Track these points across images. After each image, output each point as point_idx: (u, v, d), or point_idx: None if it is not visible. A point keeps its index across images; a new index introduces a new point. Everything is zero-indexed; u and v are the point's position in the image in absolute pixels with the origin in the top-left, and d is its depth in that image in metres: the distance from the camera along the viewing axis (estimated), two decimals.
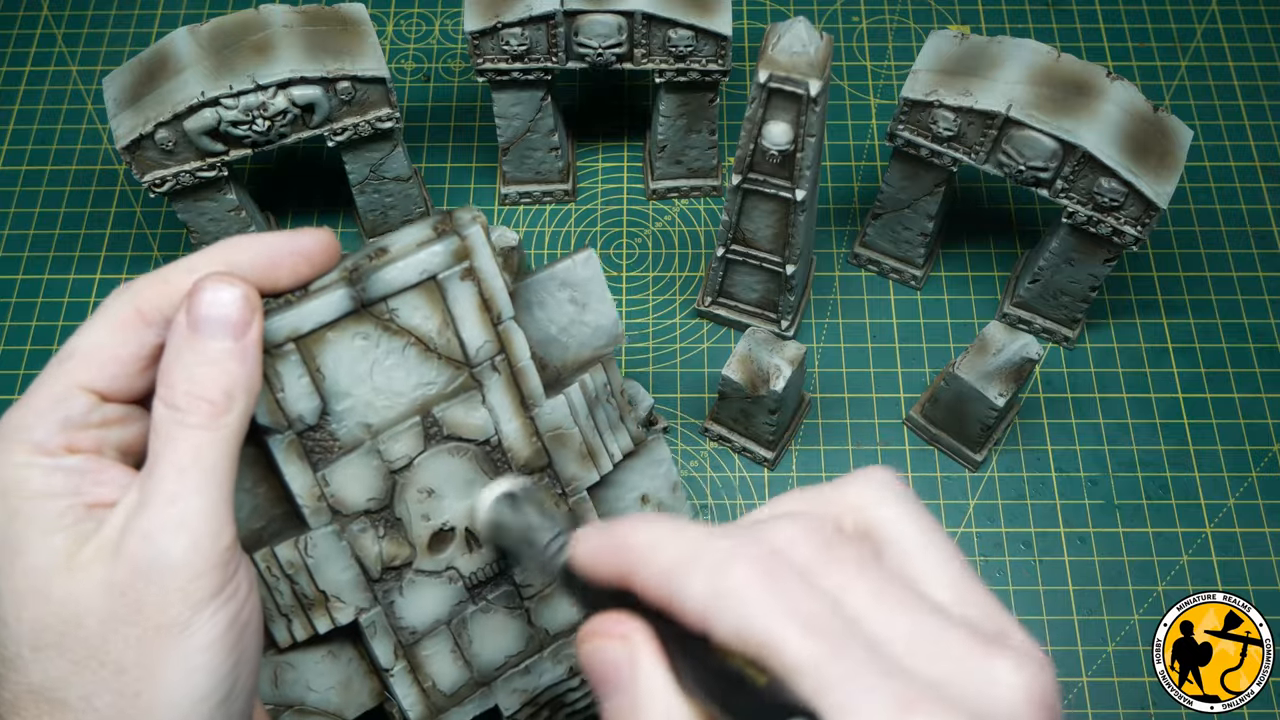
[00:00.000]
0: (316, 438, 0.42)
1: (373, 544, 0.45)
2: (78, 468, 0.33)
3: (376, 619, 0.47)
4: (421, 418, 0.44)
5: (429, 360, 0.44)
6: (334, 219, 0.80)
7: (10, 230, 0.80)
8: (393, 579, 0.46)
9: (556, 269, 0.48)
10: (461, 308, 0.43)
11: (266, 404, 0.41)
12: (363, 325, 0.42)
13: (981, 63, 0.65)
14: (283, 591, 0.44)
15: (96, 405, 0.34)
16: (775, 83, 0.57)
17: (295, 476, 0.43)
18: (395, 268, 0.41)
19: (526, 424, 0.46)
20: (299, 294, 0.40)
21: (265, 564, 0.44)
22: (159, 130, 0.64)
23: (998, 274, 0.78)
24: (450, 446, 0.45)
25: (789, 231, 0.66)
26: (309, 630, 0.46)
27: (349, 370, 0.42)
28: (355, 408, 0.43)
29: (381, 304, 0.42)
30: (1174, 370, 0.74)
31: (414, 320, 0.43)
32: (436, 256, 0.42)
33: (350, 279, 0.41)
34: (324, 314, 0.40)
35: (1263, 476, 0.71)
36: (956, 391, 0.65)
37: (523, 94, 0.73)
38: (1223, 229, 0.80)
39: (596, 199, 0.81)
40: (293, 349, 0.40)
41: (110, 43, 0.88)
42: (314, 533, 0.44)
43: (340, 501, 0.44)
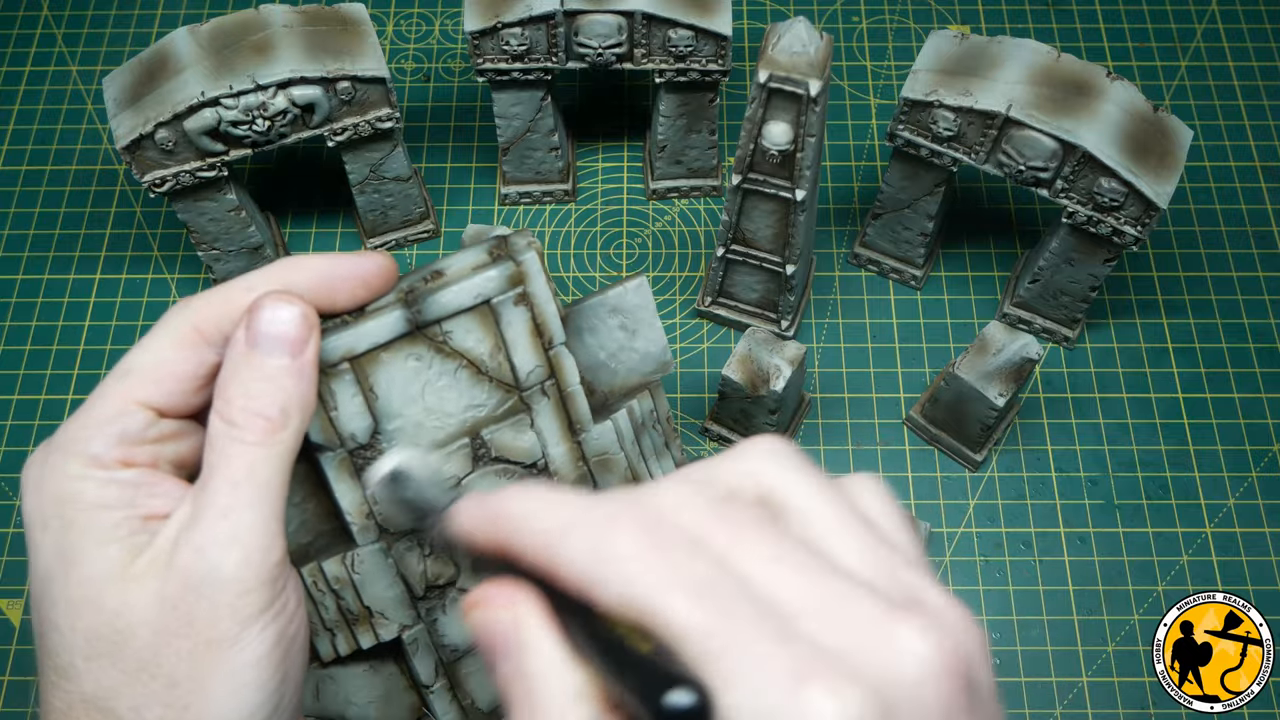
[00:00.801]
0: (368, 456, 0.43)
1: (418, 563, 0.46)
2: (133, 481, 0.34)
3: (419, 636, 0.47)
4: (470, 439, 0.45)
5: (480, 383, 0.44)
6: (334, 219, 0.80)
7: (10, 230, 0.80)
8: (436, 597, 0.47)
9: (608, 295, 0.48)
10: (514, 332, 0.43)
11: (320, 422, 0.41)
12: (416, 347, 0.42)
13: (981, 63, 0.65)
14: (328, 606, 0.45)
15: (153, 421, 0.34)
16: (775, 83, 0.57)
17: (345, 494, 0.43)
18: (450, 291, 0.42)
19: (574, 448, 0.46)
20: (355, 315, 0.41)
21: (312, 579, 0.44)
22: (159, 130, 0.64)
23: (998, 274, 0.78)
24: (498, 469, 0.45)
25: (789, 231, 0.66)
26: (352, 645, 0.46)
27: (401, 391, 0.43)
28: (406, 428, 0.43)
29: (436, 326, 0.42)
30: (1174, 370, 0.74)
31: (467, 343, 0.43)
32: (492, 281, 0.42)
33: (406, 301, 0.41)
34: (379, 335, 0.41)
35: (1263, 476, 0.71)
36: (956, 391, 0.65)
37: (523, 94, 0.73)
38: (1223, 229, 0.80)
39: (596, 199, 0.81)
40: (347, 368, 0.41)
41: (110, 43, 0.88)
42: (361, 550, 0.44)
43: (388, 520, 0.44)
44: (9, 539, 0.70)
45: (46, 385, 0.74)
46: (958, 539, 0.69)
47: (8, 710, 0.65)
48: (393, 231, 0.78)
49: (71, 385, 0.74)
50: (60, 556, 0.33)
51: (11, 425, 0.73)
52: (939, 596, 0.26)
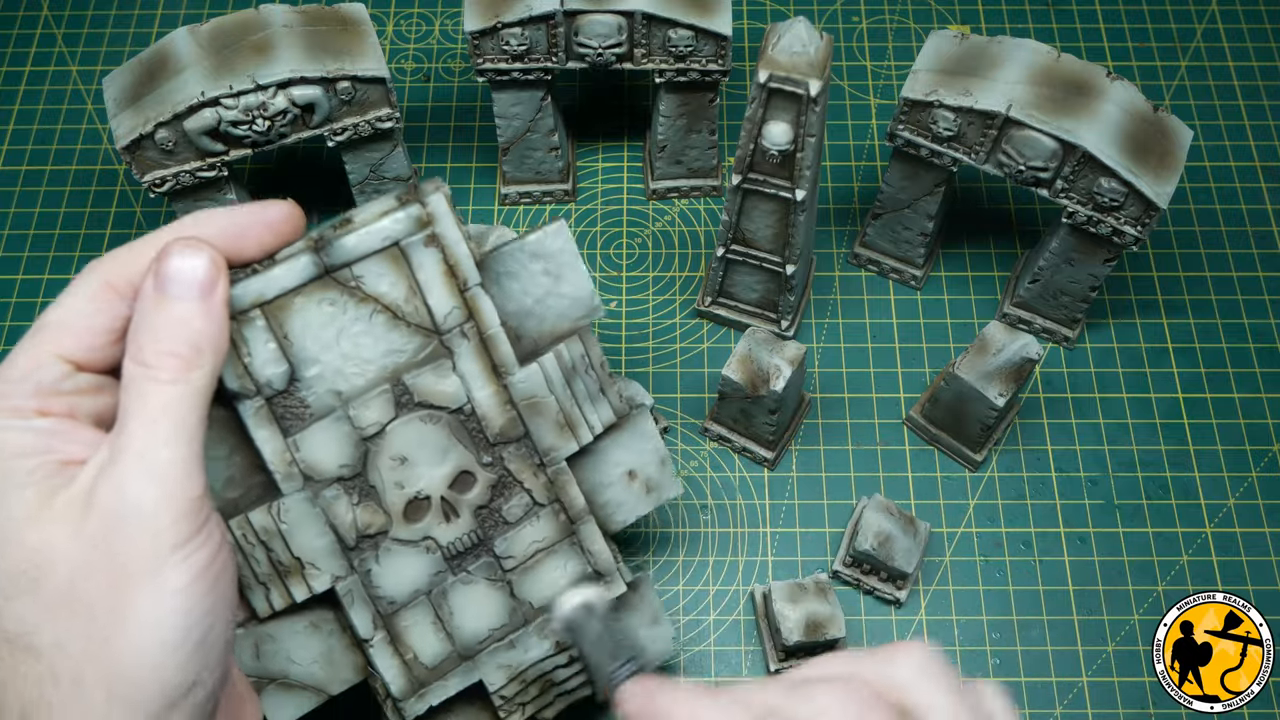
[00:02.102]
0: (287, 404, 0.43)
1: (346, 511, 0.46)
2: (49, 429, 0.35)
3: (353, 587, 0.47)
4: (391, 385, 0.45)
5: (397, 327, 0.44)
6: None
7: (10, 230, 0.80)
8: (369, 547, 0.47)
9: (527, 240, 0.48)
10: (426, 274, 0.44)
11: (234, 369, 0.42)
12: (329, 292, 0.43)
13: (981, 63, 0.65)
14: (259, 559, 0.45)
15: (70, 373, 0.35)
16: (775, 83, 0.57)
17: (266, 441, 0.44)
18: (358, 234, 0.43)
19: (499, 392, 0.47)
20: (265, 263, 0.41)
21: (240, 531, 0.44)
22: (159, 130, 0.64)
23: (998, 274, 0.78)
24: (422, 414, 0.46)
25: (789, 231, 0.66)
26: (286, 598, 0.46)
27: (316, 336, 0.43)
28: (325, 374, 0.44)
29: (346, 270, 0.43)
30: (1174, 370, 0.74)
31: (380, 287, 0.44)
32: (399, 224, 0.43)
33: (315, 246, 0.42)
34: (288, 280, 0.42)
35: (1263, 476, 0.71)
36: (956, 391, 0.65)
37: (523, 94, 0.73)
38: (1223, 229, 0.80)
39: (596, 199, 0.81)
40: (259, 315, 0.42)
41: (110, 43, 0.88)
42: (286, 498, 0.45)
43: (311, 467, 0.45)
44: None
45: None
46: (958, 539, 0.69)
47: None
48: None
49: None
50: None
51: None
52: None
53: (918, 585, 0.67)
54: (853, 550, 0.65)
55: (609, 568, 0.51)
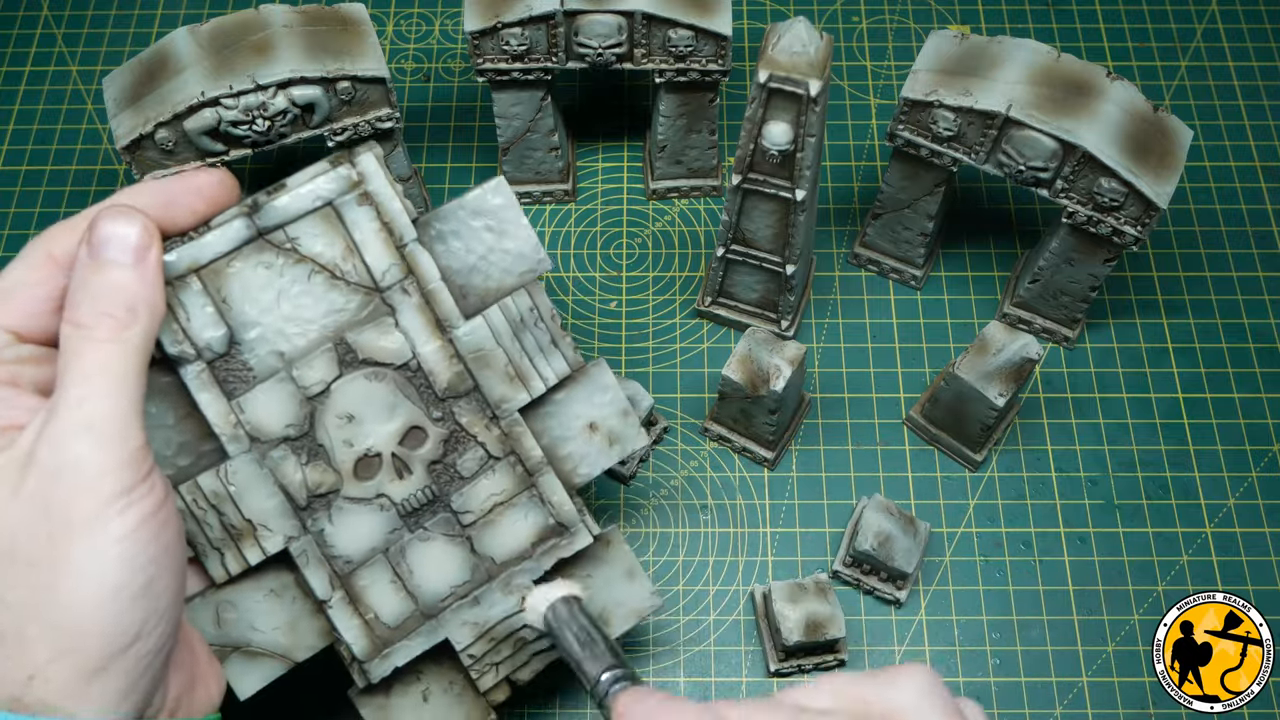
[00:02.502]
0: (229, 367, 0.44)
1: (295, 471, 0.46)
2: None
3: (307, 547, 0.47)
4: (335, 344, 0.45)
5: (336, 287, 0.45)
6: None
7: (10, 230, 0.80)
8: (321, 507, 0.47)
9: (466, 198, 0.49)
10: (362, 233, 0.44)
11: (172, 334, 0.42)
12: (265, 255, 0.43)
13: (981, 63, 0.65)
14: (211, 524, 0.45)
15: (11, 342, 0.36)
16: (775, 83, 0.57)
17: (209, 405, 0.44)
18: (290, 195, 0.43)
19: (445, 346, 0.47)
20: (200, 230, 0.42)
21: (191, 496, 0.45)
22: (159, 130, 0.64)
23: (998, 274, 0.78)
24: (367, 371, 0.46)
25: (789, 231, 0.66)
26: (241, 562, 0.46)
27: (255, 299, 0.44)
28: (266, 336, 0.44)
29: (280, 232, 0.43)
30: (1174, 370, 0.74)
31: (316, 248, 0.44)
32: (331, 183, 0.44)
33: (248, 211, 0.43)
34: (222, 244, 0.42)
35: (1263, 476, 0.71)
36: (956, 391, 0.65)
37: (523, 94, 0.73)
38: (1223, 229, 0.80)
39: (596, 199, 0.81)
40: (194, 279, 0.42)
41: (110, 43, 0.89)
42: (233, 460, 0.45)
43: (257, 429, 0.45)
44: None
45: None
46: (958, 539, 0.69)
47: None
48: None
49: None
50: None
51: None
52: None
53: (918, 585, 0.67)
54: (853, 550, 0.65)
55: (572, 519, 0.51)
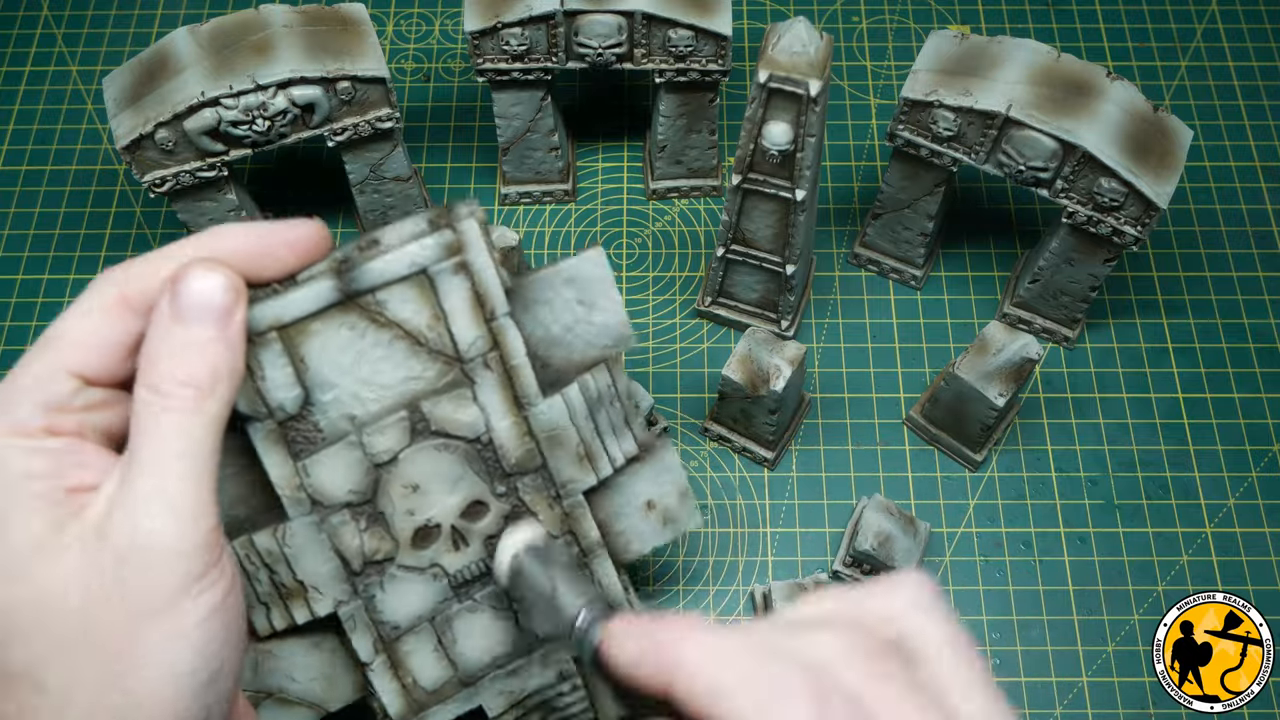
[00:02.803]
0: (299, 428, 0.42)
1: (353, 537, 0.45)
2: (58, 450, 0.33)
3: (356, 612, 0.46)
4: (409, 412, 0.43)
5: (417, 354, 0.43)
6: (334, 219, 0.80)
7: (10, 230, 0.80)
8: (374, 573, 0.46)
9: (562, 266, 0.46)
10: (453, 302, 0.42)
11: (246, 391, 0.41)
12: (349, 316, 0.41)
13: (981, 63, 0.65)
14: (261, 580, 0.44)
15: (80, 389, 0.34)
16: (775, 83, 0.57)
17: (275, 465, 0.42)
18: (385, 259, 0.41)
19: (519, 423, 0.45)
20: (286, 283, 0.40)
21: (244, 551, 0.44)
22: (159, 130, 0.64)
23: (998, 274, 0.78)
24: (437, 442, 0.44)
25: (789, 231, 0.66)
26: (287, 620, 0.45)
27: (333, 361, 0.42)
28: (340, 399, 0.42)
29: (369, 296, 0.41)
30: (1174, 370, 0.74)
31: (403, 313, 0.42)
32: (428, 250, 0.41)
33: (338, 270, 0.40)
34: (308, 304, 0.40)
35: (1263, 476, 0.71)
36: (956, 391, 0.65)
37: (523, 94, 0.73)
38: (1223, 229, 0.80)
39: (596, 199, 0.81)
40: (275, 337, 0.40)
41: (110, 43, 0.88)
42: (292, 523, 0.44)
43: (320, 492, 0.43)
44: None
45: None
46: (958, 539, 0.69)
47: None
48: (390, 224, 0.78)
49: None
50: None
51: None
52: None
53: None
54: (853, 550, 0.65)
55: (619, 600, 0.50)
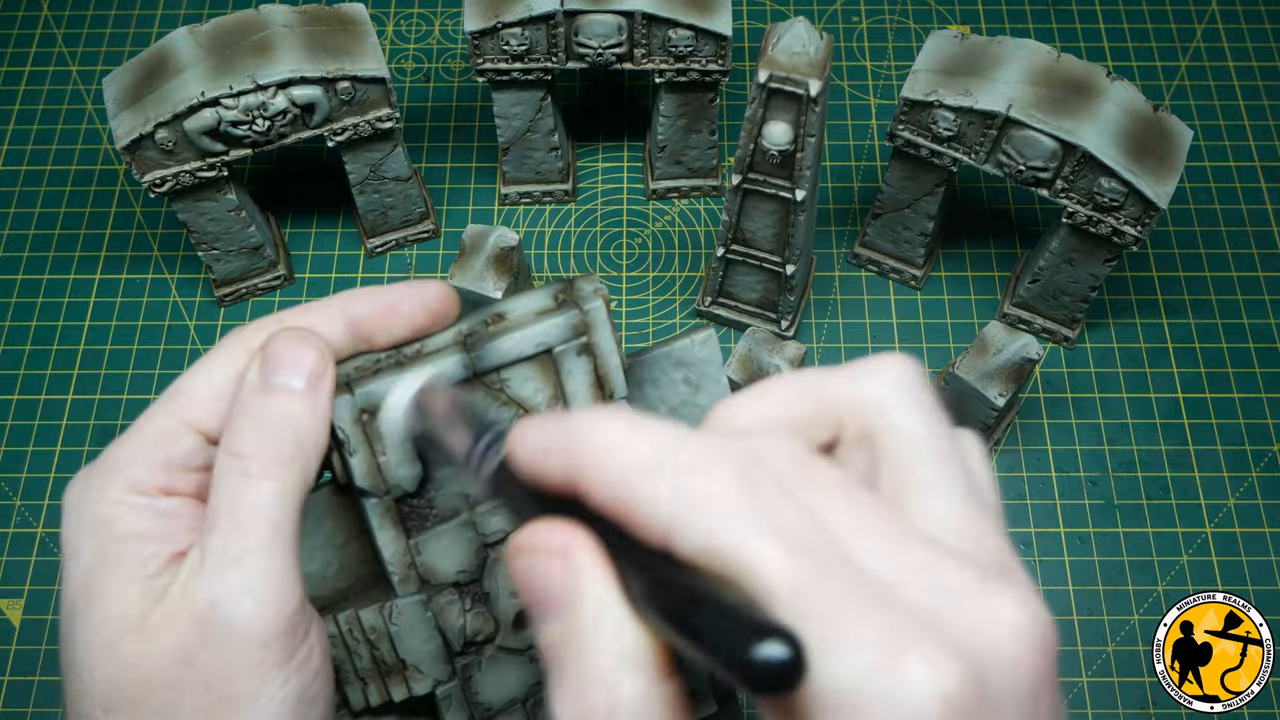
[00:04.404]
0: (413, 504, 0.42)
1: (458, 617, 0.44)
2: (172, 511, 0.32)
3: (453, 692, 0.46)
4: None
5: None
6: (334, 219, 0.80)
7: (10, 230, 0.80)
8: (474, 653, 0.45)
9: (674, 348, 0.46)
10: (575, 383, 0.42)
11: (367, 466, 0.40)
12: (473, 393, 0.41)
13: (981, 63, 0.65)
14: (362, 655, 0.44)
15: (202, 446, 0.33)
16: (775, 83, 0.57)
17: (388, 543, 0.42)
18: (512, 338, 0.40)
19: None
20: (410, 354, 0.39)
21: (348, 626, 0.43)
22: (159, 130, 0.64)
23: (998, 274, 0.78)
24: None
25: (789, 231, 0.66)
26: (384, 697, 0.45)
27: None
28: (456, 477, 0.42)
29: (494, 374, 0.41)
30: (1174, 370, 0.74)
31: (525, 392, 0.41)
32: (555, 329, 0.40)
33: (465, 345, 0.40)
34: None
35: (1263, 476, 0.71)
36: (956, 391, 0.65)
37: (523, 94, 0.73)
38: (1223, 229, 0.80)
39: (596, 199, 0.81)
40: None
41: (110, 43, 0.88)
42: (400, 601, 0.43)
43: (430, 571, 0.43)
44: (9, 539, 0.70)
45: (46, 385, 0.74)
46: None
47: (7, 710, 0.65)
48: (393, 231, 0.78)
49: (71, 385, 0.74)
50: (85, 591, 0.31)
51: (11, 425, 0.73)
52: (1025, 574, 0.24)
53: None
54: None
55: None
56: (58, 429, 0.73)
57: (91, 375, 0.75)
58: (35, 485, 0.71)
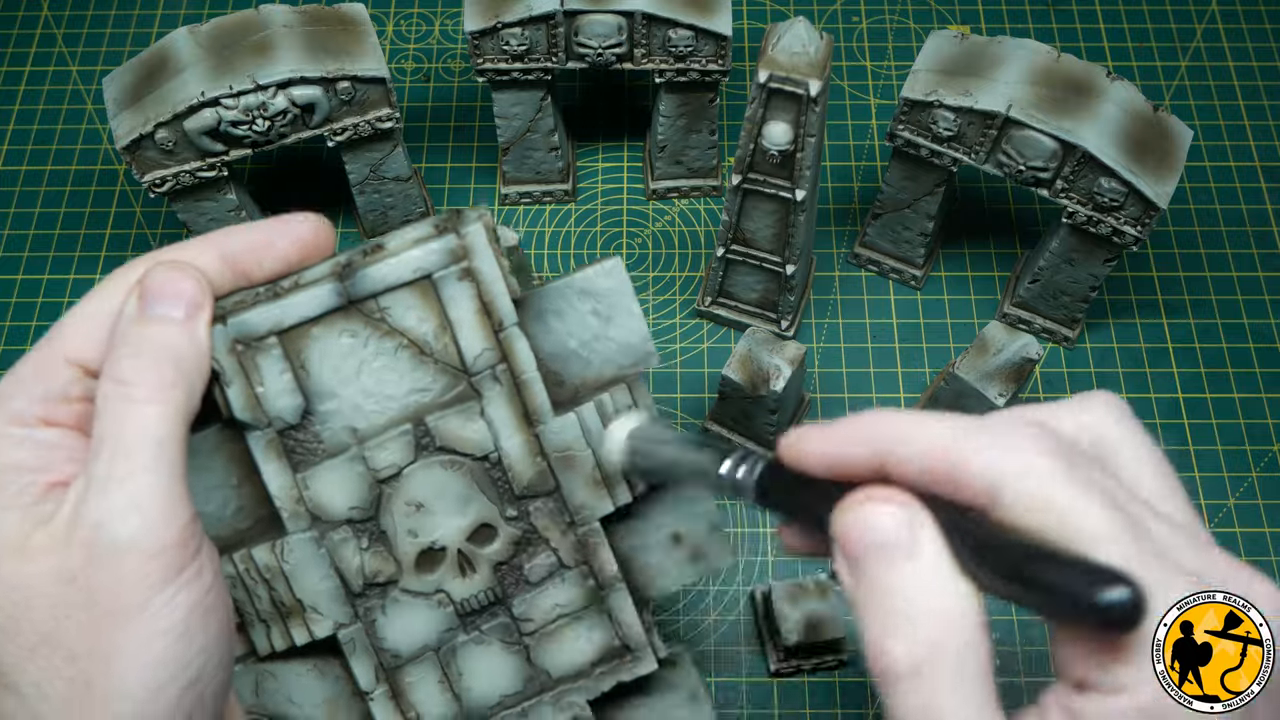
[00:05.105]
0: (299, 438, 0.41)
1: (354, 555, 0.43)
2: (51, 442, 0.33)
3: (356, 636, 0.44)
4: (413, 426, 0.42)
5: (424, 365, 0.41)
6: (334, 219, 0.80)
7: (10, 230, 0.80)
8: (376, 596, 0.44)
9: (576, 277, 0.45)
10: (459, 311, 0.41)
11: (245, 398, 0.40)
12: (351, 323, 0.40)
13: (981, 63, 0.65)
14: (260, 596, 0.43)
15: (80, 378, 0.33)
16: (775, 83, 0.57)
17: (273, 476, 0.41)
18: (387, 264, 0.40)
19: (530, 441, 0.43)
20: (286, 286, 0.39)
21: (244, 566, 0.42)
22: (159, 130, 0.64)
23: (998, 274, 0.78)
24: (443, 459, 0.43)
25: (789, 231, 0.66)
26: (286, 640, 0.44)
27: (335, 369, 0.40)
28: (341, 410, 0.41)
29: (372, 301, 0.40)
30: (1174, 370, 0.74)
31: (407, 321, 0.41)
32: (432, 254, 0.40)
33: (340, 275, 0.39)
34: (308, 309, 0.39)
35: (1263, 476, 0.71)
36: (956, 391, 0.65)
37: (523, 94, 0.73)
38: (1223, 229, 0.80)
39: (596, 199, 0.81)
40: (275, 343, 0.39)
41: (110, 43, 0.89)
42: (291, 537, 0.42)
43: (320, 507, 0.42)
44: None
45: None
46: None
47: None
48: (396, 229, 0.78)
49: None
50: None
51: None
52: None
53: None
54: None
55: (639, 642, 0.47)
56: None
57: None
58: None
